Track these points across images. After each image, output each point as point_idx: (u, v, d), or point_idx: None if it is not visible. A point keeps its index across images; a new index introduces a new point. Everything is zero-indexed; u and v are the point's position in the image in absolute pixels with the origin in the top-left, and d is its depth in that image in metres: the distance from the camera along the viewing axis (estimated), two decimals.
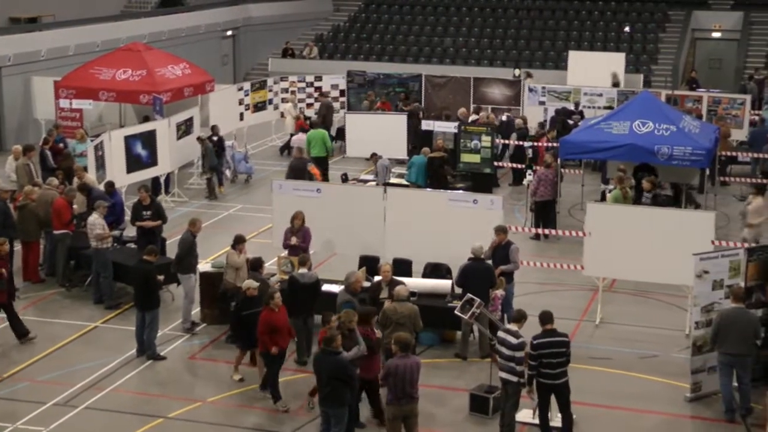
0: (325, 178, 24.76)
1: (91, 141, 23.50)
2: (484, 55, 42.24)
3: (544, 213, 22.49)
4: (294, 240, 17.43)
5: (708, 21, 43.46)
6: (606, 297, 18.19)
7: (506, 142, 26.95)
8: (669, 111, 23.23)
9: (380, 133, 26.40)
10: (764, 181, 25.45)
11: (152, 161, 24.37)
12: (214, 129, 26.15)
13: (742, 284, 14.84)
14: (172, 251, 18.36)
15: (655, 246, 16.87)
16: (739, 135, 29.10)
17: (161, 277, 16.64)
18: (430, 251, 17.76)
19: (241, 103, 30.07)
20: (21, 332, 16.78)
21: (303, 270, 15.87)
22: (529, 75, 35.30)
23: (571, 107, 30.46)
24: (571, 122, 28.55)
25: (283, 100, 31.71)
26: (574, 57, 37.65)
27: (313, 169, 23.91)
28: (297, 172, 23.52)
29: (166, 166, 24.93)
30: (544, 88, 31.90)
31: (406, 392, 12.59)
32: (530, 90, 31.80)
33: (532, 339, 13.24)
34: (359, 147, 26.40)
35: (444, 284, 17.12)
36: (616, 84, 33.88)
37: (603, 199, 23.15)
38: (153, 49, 30.12)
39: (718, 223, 18.24)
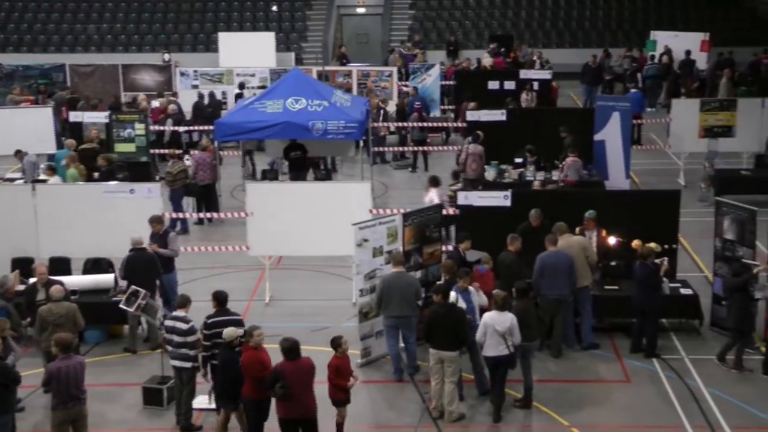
0: None
1: None
2: (132, 41, 41.19)
3: (206, 196, 22.27)
4: None
5: None
6: (274, 274, 18.28)
7: (162, 128, 26.35)
8: (320, 87, 23.62)
9: (24, 128, 24.95)
10: (415, 148, 26.72)
11: None
12: None
13: (401, 249, 15.38)
14: None
15: (317, 220, 17.12)
16: (391, 106, 30.20)
17: None
18: (90, 246, 17.16)
19: None
20: None
21: None
22: None
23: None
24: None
25: None
26: (225, 38, 37.62)
27: None
28: None
29: None
30: (196, 71, 31.61)
31: (72, 394, 12.03)
32: (182, 74, 31.40)
33: (206, 319, 13.12)
34: (2, 145, 24.76)
35: (106, 278, 16.62)
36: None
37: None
38: None
39: (375, 192, 18.79)
